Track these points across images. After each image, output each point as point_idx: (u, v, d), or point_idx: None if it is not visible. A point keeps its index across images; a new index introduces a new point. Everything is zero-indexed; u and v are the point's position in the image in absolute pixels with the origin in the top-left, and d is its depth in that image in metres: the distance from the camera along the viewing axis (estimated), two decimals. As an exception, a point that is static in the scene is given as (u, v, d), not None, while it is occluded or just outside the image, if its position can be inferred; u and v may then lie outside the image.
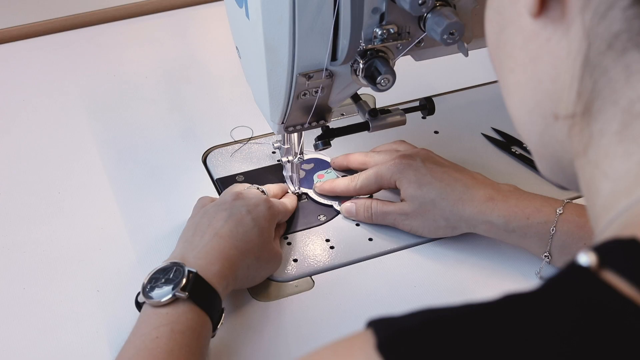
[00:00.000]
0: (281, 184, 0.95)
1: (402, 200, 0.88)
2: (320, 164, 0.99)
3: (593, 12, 0.41)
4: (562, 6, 0.42)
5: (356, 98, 0.88)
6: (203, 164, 1.01)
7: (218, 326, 0.74)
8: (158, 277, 0.72)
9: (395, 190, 0.92)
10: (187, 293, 0.70)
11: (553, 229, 0.81)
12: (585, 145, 0.43)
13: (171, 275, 0.71)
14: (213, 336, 0.74)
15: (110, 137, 1.05)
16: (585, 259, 0.37)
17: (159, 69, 1.19)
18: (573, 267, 0.37)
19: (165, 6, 1.31)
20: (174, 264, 0.73)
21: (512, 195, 0.84)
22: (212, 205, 0.83)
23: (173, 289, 0.70)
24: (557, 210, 0.81)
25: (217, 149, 1.02)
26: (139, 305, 0.73)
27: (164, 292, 0.70)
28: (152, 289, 0.71)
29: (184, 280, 0.71)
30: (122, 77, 1.17)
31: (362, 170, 0.93)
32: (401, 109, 0.89)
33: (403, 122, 0.88)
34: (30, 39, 1.25)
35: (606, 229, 0.41)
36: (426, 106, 0.91)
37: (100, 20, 1.28)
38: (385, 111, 0.88)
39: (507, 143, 1.03)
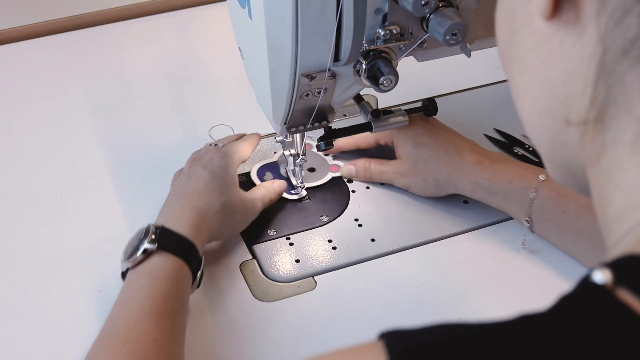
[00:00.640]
0: (235, 135, 0.97)
1: (397, 158, 0.93)
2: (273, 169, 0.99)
3: (608, 17, 0.40)
4: (576, 9, 0.41)
5: (359, 99, 0.88)
6: (205, 164, 1.00)
7: (198, 275, 0.78)
8: (132, 243, 0.77)
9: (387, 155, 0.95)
10: (156, 244, 0.75)
11: (534, 194, 0.84)
12: (597, 153, 0.43)
13: (142, 236, 0.77)
14: (198, 286, 0.79)
15: (112, 137, 1.05)
16: (601, 276, 0.36)
17: (161, 69, 1.19)
18: (588, 285, 0.36)
19: (167, 7, 1.31)
20: (144, 228, 0.78)
21: (500, 161, 0.88)
22: (175, 178, 0.90)
23: (144, 244, 0.75)
24: (540, 177, 0.85)
25: (220, 150, 1.02)
26: (124, 277, 0.77)
27: (137, 250, 0.76)
28: (129, 253, 0.76)
29: (153, 235, 0.76)
30: (124, 78, 1.17)
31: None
32: (403, 110, 0.89)
33: (405, 123, 0.88)
34: (33, 40, 1.25)
35: (619, 242, 0.40)
36: (429, 107, 0.92)
37: (102, 21, 1.28)
38: (387, 112, 0.88)
39: (509, 144, 1.03)
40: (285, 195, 0.95)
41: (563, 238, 0.85)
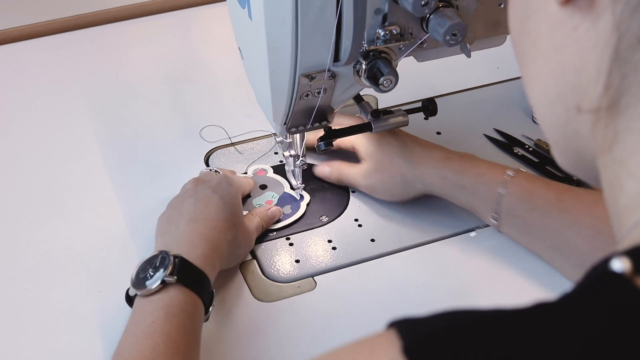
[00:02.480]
0: (229, 170, 0.96)
1: (361, 161, 0.92)
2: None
3: (624, 4, 0.39)
4: None
5: (359, 99, 0.88)
6: (205, 164, 1.01)
7: (210, 309, 0.75)
8: (146, 268, 0.73)
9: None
10: (175, 277, 0.72)
11: (503, 190, 0.83)
12: (610, 141, 0.42)
13: (157, 264, 0.73)
14: (207, 319, 0.75)
15: (112, 137, 1.05)
16: (619, 265, 0.36)
17: (161, 69, 1.19)
18: (606, 273, 0.36)
19: (167, 7, 1.31)
20: (160, 252, 0.74)
21: (468, 158, 0.88)
22: (176, 197, 0.85)
23: (162, 275, 0.72)
24: (508, 172, 0.84)
25: (220, 150, 1.03)
26: (129, 300, 0.74)
27: (153, 280, 0.72)
28: (141, 279, 0.73)
29: (171, 266, 0.72)
30: (124, 78, 1.17)
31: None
32: (403, 110, 0.89)
33: (405, 123, 0.88)
34: (33, 40, 1.25)
35: (632, 230, 0.40)
36: (428, 107, 0.92)
37: (102, 21, 1.28)
38: (387, 112, 0.88)
39: (509, 144, 1.03)
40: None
41: (529, 235, 0.84)
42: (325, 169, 0.96)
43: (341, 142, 0.92)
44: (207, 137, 1.04)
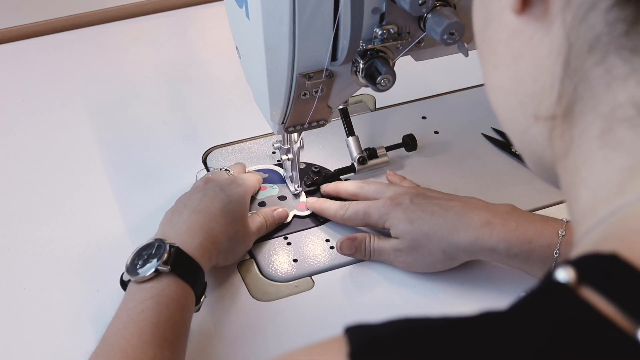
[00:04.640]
0: (241, 163, 0.97)
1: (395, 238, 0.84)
2: (273, 176, 0.98)
3: (574, 12, 0.39)
4: (545, 4, 0.41)
5: (351, 132, 0.95)
6: (203, 163, 1.01)
7: (202, 300, 0.76)
8: (141, 254, 0.74)
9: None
10: (169, 267, 0.72)
11: (557, 252, 0.77)
12: (566, 149, 0.42)
13: (154, 251, 0.73)
14: (197, 310, 0.76)
15: (110, 137, 1.05)
16: (564, 275, 0.35)
17: (160, 69, 1.19)
18: (551, 283, 0.36)
19: (165, 6, 1.31)
20: (156, 240, 0.75)
21: (511, 217, 0.79)
22: (185, 192, 0.85)
23: (156, 263, 0.72)
24: (559, 232, 0.77)
25: (217, 149, 1.02)
26: (123, 284, 0.75)
27: (147, 268, 0.72)
28: (136, 265, 0.73)
29: (166, 255, 0.72)
30: (123, 77, 1.17)
31: (351, 200, 0.90)
32: (385, 147, 0.97)
33: (386, 163, 0.97)
34: (31, 39, 1.25)
35: (582, 239, 0.40)
36: (409, 143, 0.99)
37: (100, 20, 1.28)
38: (372, 152, 0.95)
39: (507, 143, 1.03)
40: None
41: None
42: (351, 245, 0.86)
43: (370, 220, 0.86)
44: (205, 137, 1.04)
